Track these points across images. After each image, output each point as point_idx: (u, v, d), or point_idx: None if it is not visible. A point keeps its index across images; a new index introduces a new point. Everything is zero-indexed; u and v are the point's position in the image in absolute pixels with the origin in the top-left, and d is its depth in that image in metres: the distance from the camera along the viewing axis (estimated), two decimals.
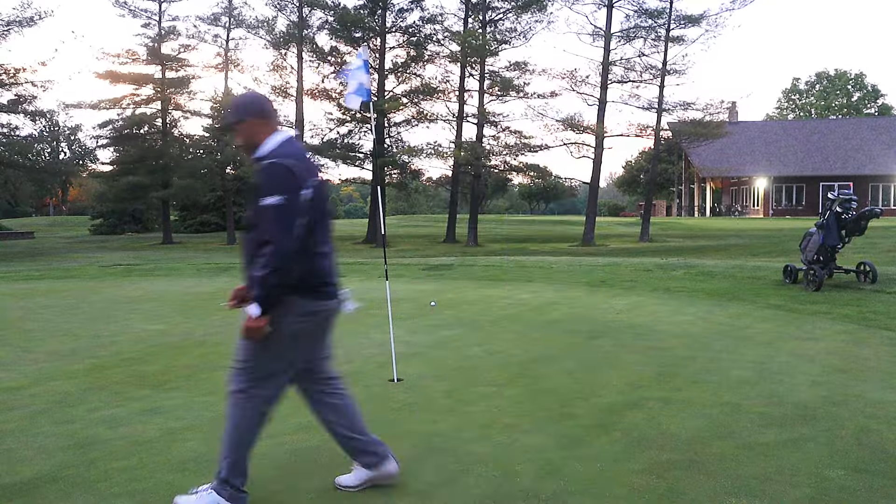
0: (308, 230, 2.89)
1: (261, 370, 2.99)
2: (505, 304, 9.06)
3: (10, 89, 29.47)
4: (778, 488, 3.17)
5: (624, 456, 3.58)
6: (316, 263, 2.98)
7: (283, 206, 2.79)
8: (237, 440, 2.99)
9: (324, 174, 2.93)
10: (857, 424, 4.03)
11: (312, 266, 2.96)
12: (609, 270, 12.49)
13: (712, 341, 6.46)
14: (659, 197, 59.60)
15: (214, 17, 33.70)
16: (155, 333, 7.22)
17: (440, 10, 55.65)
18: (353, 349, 6.28)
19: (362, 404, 4.55)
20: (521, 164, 32.07)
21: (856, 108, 71.71)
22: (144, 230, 50.13)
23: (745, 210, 50.81)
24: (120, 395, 4.85)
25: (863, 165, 46.68)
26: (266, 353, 2.96)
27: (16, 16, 27.61)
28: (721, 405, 4.43)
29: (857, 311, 7.90)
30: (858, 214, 9.57)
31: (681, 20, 29.46)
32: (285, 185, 2.81)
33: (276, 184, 2.81)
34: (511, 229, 40.60)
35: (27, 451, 3.75)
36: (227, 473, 2.98)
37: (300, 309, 2.96)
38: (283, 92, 33.45)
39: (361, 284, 11.59)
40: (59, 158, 66.65)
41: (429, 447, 3.74)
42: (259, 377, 2.99)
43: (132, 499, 3.15)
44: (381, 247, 26.12)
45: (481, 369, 5.47)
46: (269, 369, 3.00)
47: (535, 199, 78.47)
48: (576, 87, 30.27)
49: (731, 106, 42.86)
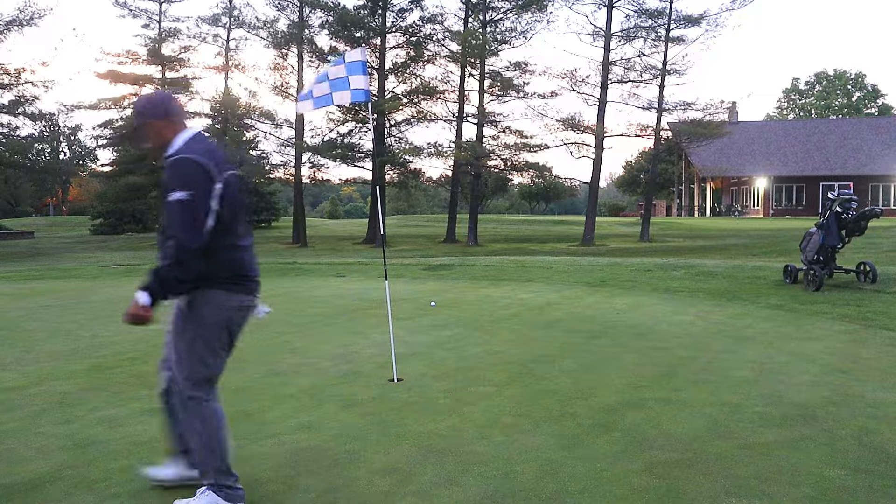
0: (223, 225, 2.89)
1: (202, 369, 3.01)
2: (505, 304, 9.06)
3: (11, 90, 29.49)
4: (778, 488, 3.17)
5: (624, 456, 3.58)
6: (233, 257, 2.99)
7: (188, 202, 2.77)
8: (210, 446, 3.00)
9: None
10: (857, 424, 4.03)
11: (229, 259, 2.97)
12: (609, 270, 12.49)
13: (712, 341, 6.47)
14: (659, 197, 59.59)
15: (215, 18, 33.70)
16: (155, 333, 7.18)
17: (440, 10, 55.79)
18: (353, 349, 6.28)
19: (363, 404, 4.57)
20: (522, 162, 32.08)
21: (856, 108, 71.70)
22: (144, 230, 50.06)
23: (745, 210, 50.80)
24: (120, 395, 4.85)
25: (863, 165, 46.67)
26: (200, 350, 2.98)
27: (16, 15, 27.62)
28: (721, 405, 4.43)
29: (857, 311, 7.90)
30: (858, 214, 9.56)
31: (681, 20, 29.48)
32: (192, 180, 2.80)
33: (181, 179, 2.80)
34: (511, 229, 40.60)
35: (27, 451, 3.75)
36: (217, 479, 3.00)
37: (222, 301, 2.98)
38: (283, 92, 33.47)
39: (361, 284, 11.60)
40: (59, 158, 66.67)
41: (429, 447, 3.74)
42: (202, 377, 3.01)
43: (132, 499, 3.15)
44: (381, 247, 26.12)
45: (481, 369, 5.47)
46: (208, 365, 3.02)
47: (535, 199, 78.44)
48: (576, 86, 30.29)
49: (731, 106, 42.87)
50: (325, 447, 3.75)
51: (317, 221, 57.15)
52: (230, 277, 2.99)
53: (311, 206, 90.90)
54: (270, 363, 5.77)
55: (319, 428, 4.07)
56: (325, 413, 4.37)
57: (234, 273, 3.00)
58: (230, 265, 2.98)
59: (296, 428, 4.07)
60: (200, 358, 2.99)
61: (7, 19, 27.73)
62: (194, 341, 2.98)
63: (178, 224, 2.77)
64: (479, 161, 30.83)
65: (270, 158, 36.36)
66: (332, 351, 6.22)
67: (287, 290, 10.99)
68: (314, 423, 4.18)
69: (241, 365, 5.72)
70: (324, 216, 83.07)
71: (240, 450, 3.73)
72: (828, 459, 3.50)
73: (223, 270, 2.95)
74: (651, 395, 4.69)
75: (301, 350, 6.28)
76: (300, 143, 32.19)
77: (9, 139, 32.81)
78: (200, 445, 3.00)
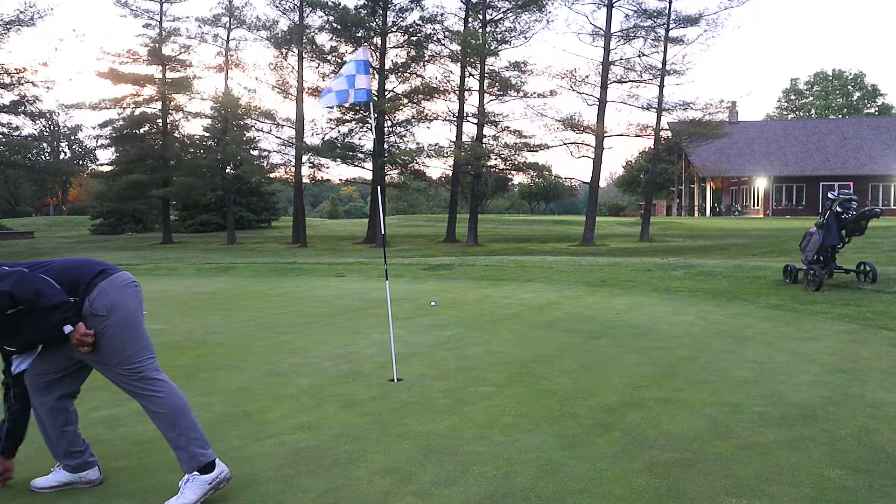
0: (23, 267, 3.04)
1: (132, 356, 3.10)
2: (505, 304, 9.06)
3: (12, 90, 29.50)
4: (778, 488, 3.17)
5: (624, 456, 3.58)
6: (66, 266, 3.13)
7: None
8: (178, 420, 3.09)
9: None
10: (857, 424, 4.03)
11: (67, 268, 3.11)
12: (609, 270, 12.49)
13: (712, 341, 6.46)
14: (659, 197, 59.63)
15: (215, 18, 33.71)
16: (155, 333, 7.18)
17: (440, 10, 55.78)
18: (353, 349, 6.28)
19: (363, 404, 4.57)
20: (522, 162, 32.08)
21: (856, 108, 71.71)
22: (144, 230, 50.14)
23: (745, 210, 50.81)
24: (120, 395, 4.83)
25: (863, 165, 46.68)
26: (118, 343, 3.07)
27: (16, 16, 27.63)
28: (721, 405, 4.43)
29: (857, 311, 7.90)
30: (858, 214, 9.56)
31: (680, 20, 29.48)
32: None
33: None
34: (511, 229, 40.61)
35: (28, 451, 3.75)
36: (194, 464, 3.06)
37: (108, 286, 3.09)
38: (283, 91, 33.48)
39: (361, 284, 11.60)
40: (59, 158, 66.67)
41: (429, 447, 3.74)
42: (137, 363, 3.11)
43: (132, 499, 3.15)
44: (381, 247, 26.14)
45: (481, 369, 5.47)
46: (137, 350, 3.12)
47: (535, 198, 78.48)
48: (575, 86, 30.30)
49: (730, 106, 42.86)
50: (325, 447, 3.75)
51: (317, 221, 57.19)
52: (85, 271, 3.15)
53: (311, 206, 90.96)
54: (270, 363, 5.77)
55: (319, 428, 4.08)
56: (325, 413, 4.37)
57: (86, 265, 3.17)
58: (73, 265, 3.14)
59: (296, 428, 4.07)
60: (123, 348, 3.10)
61: (7, 20, 27.75)
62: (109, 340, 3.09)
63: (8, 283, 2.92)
64: (479, 161, 30.83)
65: (270, 158, 36.43)
66: (332, 351, 6.22)
67: (287, 290, 11.00)
68: (314, 423, 4.18)
69: (241, 365, 5.73)
70: (324, 216, 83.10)
71: (240, 450, 3.73)
72: (828, 459, 3.50)
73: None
74: (651, 395, 4.69)
75: (301, 350, 6.28)
76: (300, 142, 32.21)
77: (9, 139, 32.81)
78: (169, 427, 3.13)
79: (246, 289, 11.27)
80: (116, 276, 3.18)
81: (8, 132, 33.02)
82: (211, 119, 36.98)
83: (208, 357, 6.04)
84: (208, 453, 3.10)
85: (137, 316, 3.18)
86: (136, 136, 36.77)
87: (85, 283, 3.07)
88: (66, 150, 70.65)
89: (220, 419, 4.27)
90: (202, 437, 3.14)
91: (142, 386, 3.13)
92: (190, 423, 3.12)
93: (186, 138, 38.54)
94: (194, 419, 3.16)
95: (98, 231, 47.82)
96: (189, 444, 3.08)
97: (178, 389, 3.20)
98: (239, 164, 35.34)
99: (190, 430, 3.10)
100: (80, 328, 2.99)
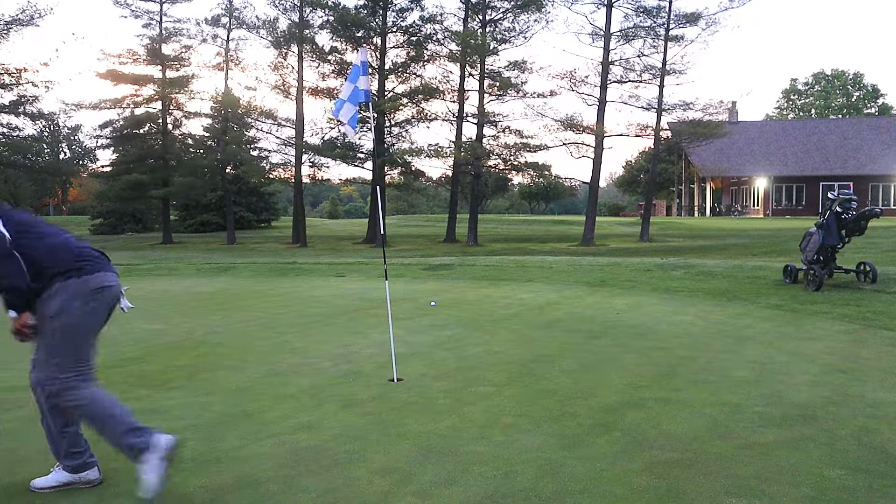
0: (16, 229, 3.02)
1: (61, 364, 3.11)
2: (505, 304, 9.06)
3: (12, 90, 29.51)
4: (778, 488, 3.17)
5: (624, 456, 3.58)
6: (50, 248, 3.10)
7: None
8: (106, 424, 3.09)
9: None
10: (857, 424, 4.03)
11: (49, 251, 3.08)
12: (609, 270, 12.49)
13: (712, 341, 6.47)
14: (659, 197, 59.58)
15: (215, 18, 33.71)
16: (155, 333, 7.22)
17: (440, 10, 55.75)
18: (353, 349, 6.28)
19: (363, 404, 4.57)
20: (522, 162, 32.09)
21: (855, 108, 71.69)
22: (145, 230, 50.15)
23: (745, 210, 50.80)
24: (120, 395, 4.84)
25: (863, 165, 46.68)
26: (53, 346, 3.10)
27: (16, 16, 27.64)
28: (721, 405, 4.43)
29: (857, 311, 7.90)
30: (858, 214, 9.56)
31: (680, 19, 29.48)
32: None
33: None
34: (511, 229, 40.61)
35: (27, 451, 3.75)
36: (135, 454, 3.04)
37: (72, 288, 3.08)
38: (283, 91, 33.47)
39: (361, 284, 11.60)
40: (59, 158, 66.66)
41: (429, 447, 3.74)
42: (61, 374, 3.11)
43: (132, 499, 3.15)
44: (381, 247, 26.11)
45: (481, 369, 5.47)
46: (66, 361, 3.12)
47: (535, 198, 78.43)
48: (575, 86, 30.31)
49: (730, 106, 42.96)
50: (325, 447, 3.75)
51: (317, 221, 57.17)
52: (65, 265, 3.11)
53: (311, 205, 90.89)
54: (270, 363, 5.77)
55: (319, 428, 4.08)
56: (325, 413, 4.37)
57: (66, 260, 3.12)
58: (54, 255, 3.11)
59: (296, 428, 4.07)
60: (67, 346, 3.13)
61: (7, 19, 27.76)
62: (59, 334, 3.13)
63: None
64: (479, 161, 30.83)
65: (270, 158, 36.42)
66: (332, 351, 6.22)
67: (287, 290, 11.00)
68: (314, 423, 4.18)
69: (241, 365, 5.73)
70: (324, 216, 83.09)
71: (240, 450, 3.73)
72: (828, 459, 3.51)
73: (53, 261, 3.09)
74: (651, 395, 4.69)
75: (301, 350, 6.28)
76: (300, 142, 32.21)
77: (9, 139, 32.81)
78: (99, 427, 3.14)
79: (246, 289, 11.27)
80: (92, 277, 3.15)
81: (8, 132, 33.02)
82: (211, 119, 36.98)
83: (208, 357, 6.04)
84: (143, 440, 3.06)
85: (83, 328, 3.15)
86: (136, 136, 36.78)
87: (52, 273, 3.06)
88: (66, 151, 70.63)
89: (220, 419, 4.27)
90: (132, 423, 3.10)
91: (55, 391, 3.14)
92: (116, 422, 3.09)
93: (187, 138, 38.54)
94: (121, 411, 3.13)
95: (98, 231, 47.82)
96: (123, 438, 3.07)
97: (99, 397, 3.15)
98: (239, 164, 35.36)
99: (118, 426, 3.09)
100: (23, 318, 3.02)
